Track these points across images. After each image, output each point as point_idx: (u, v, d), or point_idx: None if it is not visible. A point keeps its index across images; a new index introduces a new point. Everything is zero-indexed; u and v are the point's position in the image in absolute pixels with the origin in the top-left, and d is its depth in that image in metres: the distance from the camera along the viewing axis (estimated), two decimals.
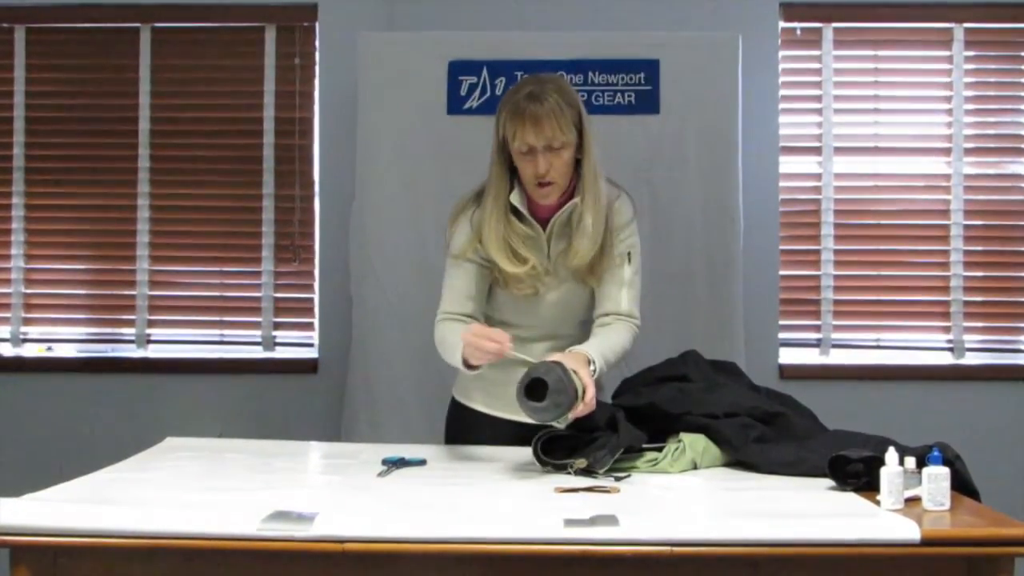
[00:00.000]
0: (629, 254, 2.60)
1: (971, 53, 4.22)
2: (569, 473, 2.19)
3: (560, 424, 2.28)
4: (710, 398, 2.42)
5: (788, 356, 4.19)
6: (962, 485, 2.02)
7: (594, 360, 2.36)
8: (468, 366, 2.40)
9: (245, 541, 1.69)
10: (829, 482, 2.05)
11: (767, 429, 2.36)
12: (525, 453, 2.33)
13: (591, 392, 2.26)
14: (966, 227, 4.20)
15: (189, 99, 4.29)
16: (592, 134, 2.54)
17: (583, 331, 2.61)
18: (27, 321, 4.32)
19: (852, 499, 1.96)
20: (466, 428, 2.70)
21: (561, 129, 2.45)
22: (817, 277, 4.23)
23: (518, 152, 2.48)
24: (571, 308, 2.63)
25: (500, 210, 2.54)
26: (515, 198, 2.53)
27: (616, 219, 2.59)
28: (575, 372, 2.25)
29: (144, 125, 4.26)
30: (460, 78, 3.77)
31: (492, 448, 2.52)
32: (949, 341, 4.21)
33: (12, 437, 4.17)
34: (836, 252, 4.22)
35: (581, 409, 2.24)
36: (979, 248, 4.22)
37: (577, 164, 2.55)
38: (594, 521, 1.73)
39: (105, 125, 4.30)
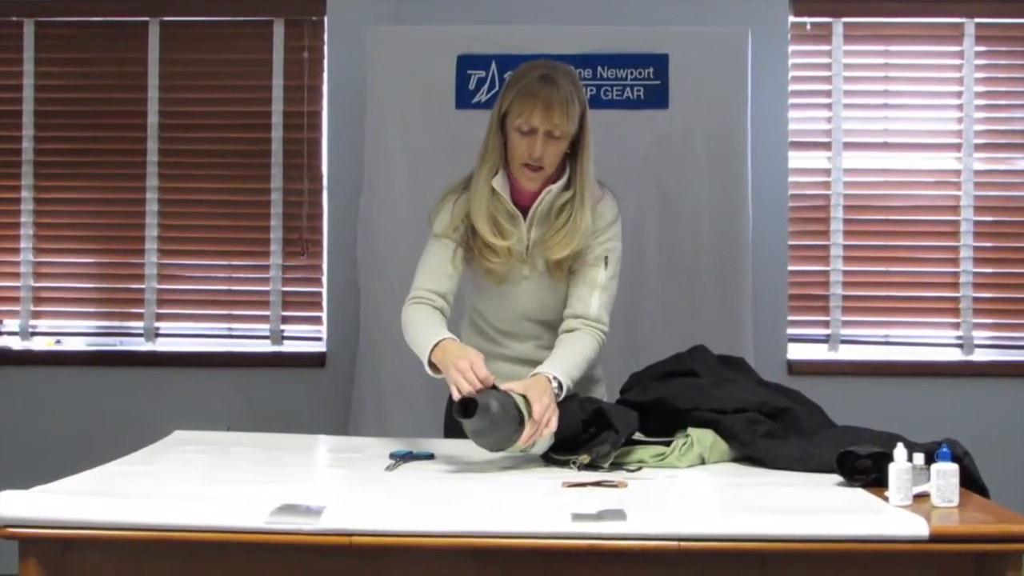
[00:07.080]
0: (606, 258, 2.54)
1: (982, 48, 4.20)
2: (573, 468, 2.19)
3: (515, 451, 2.22)
4: (718, 393, 2.41)
5: (797, 352, 4.19)
6: (971, 481, 2.01)
7: (556, 378, 2.32)
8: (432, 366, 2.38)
9: (253, 534, 1.69)
10: (837, 478, 2.04)
11: (775, 425, 2.35)
12: None
13: (538, 413, 2.19)
14: (976, 223, 4.19)
15: (197, 93, 4.30)
16: (591, 132, 2.51)
17: None
18: (36, 315, 4.34)
19: (860, 495, 1.95)
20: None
21: (567, 119, 2.43)
22: (826, 273, 4.22)
23: (517, 129, 2.45)
24: (547, 304, 2.59)
25: (491, 185, 2.51)
26: (497, 182, 2.50)
27: (598, 221, 2.54)
28: (523, 397, 2.20)
29: (153, 119, 4.27)
30: (469, 72, 3.77)
31: None
32: (958, 337, 4.20)
33: (21, 430, 4.19)
34: (845, 248, 4.21)
35: (531, 433, 2.18)
36: (989, 244, 4.21)
37: (571, 157, 2.52)
38: (601, 515, 1.72)
39: (113, 119, 4.31)
